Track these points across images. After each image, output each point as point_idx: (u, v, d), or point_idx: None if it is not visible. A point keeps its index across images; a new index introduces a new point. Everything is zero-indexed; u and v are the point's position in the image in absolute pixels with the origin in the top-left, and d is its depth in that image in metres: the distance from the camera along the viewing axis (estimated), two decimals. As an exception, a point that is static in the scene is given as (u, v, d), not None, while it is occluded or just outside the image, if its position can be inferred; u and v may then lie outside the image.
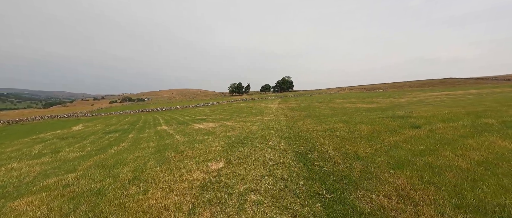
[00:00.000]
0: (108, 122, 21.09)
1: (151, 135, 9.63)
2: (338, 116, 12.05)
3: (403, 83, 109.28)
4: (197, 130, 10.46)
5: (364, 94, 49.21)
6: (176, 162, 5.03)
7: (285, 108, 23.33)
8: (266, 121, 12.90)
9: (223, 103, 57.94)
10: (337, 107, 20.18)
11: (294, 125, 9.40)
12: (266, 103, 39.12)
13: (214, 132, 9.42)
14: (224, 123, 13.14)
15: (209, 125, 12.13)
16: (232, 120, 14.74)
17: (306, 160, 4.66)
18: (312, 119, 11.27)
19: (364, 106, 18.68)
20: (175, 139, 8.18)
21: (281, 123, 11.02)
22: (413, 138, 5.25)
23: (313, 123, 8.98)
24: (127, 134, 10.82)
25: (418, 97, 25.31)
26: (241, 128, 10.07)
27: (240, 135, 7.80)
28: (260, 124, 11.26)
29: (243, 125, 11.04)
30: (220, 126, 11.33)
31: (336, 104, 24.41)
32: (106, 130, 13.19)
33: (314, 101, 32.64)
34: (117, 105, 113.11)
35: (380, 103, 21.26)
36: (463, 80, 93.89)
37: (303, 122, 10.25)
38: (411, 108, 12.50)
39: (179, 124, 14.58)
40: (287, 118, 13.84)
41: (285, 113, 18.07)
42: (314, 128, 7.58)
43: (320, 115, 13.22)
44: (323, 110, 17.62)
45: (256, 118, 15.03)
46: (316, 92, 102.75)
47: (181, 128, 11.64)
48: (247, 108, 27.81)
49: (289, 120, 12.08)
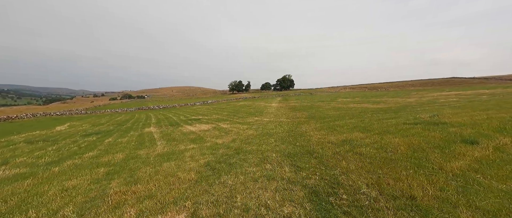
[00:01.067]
0: (97, 121, 19.84)
1: (130, 141, 8.33)
2: (346, 119, 10.73)
3: (405, 82, 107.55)
4: (186, 134, 9.16)
5: (367, 93, 47.79)
6: (107, 212, 3.07)
7: (286, 108, 22.01)
8: (265, 123, 11.59)
9: (222, 101, 56.65)
10: (341, 107, 18.85)
11: (298, 130, 8.09)
12: (266, 102, 37.80)
13: (204, 137, 8.09)
14: (218, 125, 11.85)
15: (201, 128, 10.83)
16: (228, 121, 13.45)
17: (329, 212, 2.74)
18: (318, 122, 9.95)
19: (371, 107, 17.34)
20: (152, 148, 6.69)
21: (282, 126, 9.70)
22: (483, 164, 3.57)
23: (322, 129, 7.62)
24: (107, 137, 9.54)
25: (427, 97, 23.92)
26: (236, 132, 8.77)
27: (231, 144, 6.46)
28: (258, 127, 9.95)
29: (239, 129, 9.74)
30: (213, 129, 10.03)
31: (340, 103, 23.05)
32: (88, 132, 11.93)
33: (316, 100, 31.30)
34: (117, 102, 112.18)
35: (387, 103, 19.90)
36: (466, 79, 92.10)
37: (308, 126, 8.91)
38: (431, 110, 11.15)
39: (170, 125, 13.30)
40: (288, 119, 12.53)
41: (286, 113, 16.76)
42: (326, 138, 6.17)
43: (326, 117, 11.90)
44: (327, 111, 16.29)
45: (254, 119, 13.73)
46: (317, 91, 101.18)
47: (169, 131, 10.36)
48: (245, 108, 26.50)
49: (291, 123, 10.78)
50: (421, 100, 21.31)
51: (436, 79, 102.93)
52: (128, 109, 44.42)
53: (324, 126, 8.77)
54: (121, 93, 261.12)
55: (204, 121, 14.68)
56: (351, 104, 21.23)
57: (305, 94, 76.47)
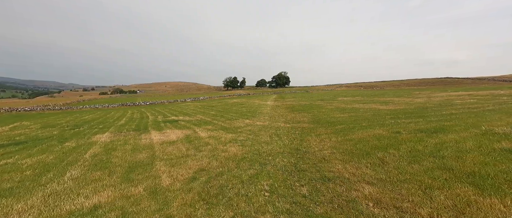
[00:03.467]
0: (55, 121, 16.59)
1: (39, 162, 5.33)
2: (363, 124, 8.12)
3: (400, 81, 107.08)
4: (138, 149, 6.13)
5: (366, 92, 45.75)
6: None
7: (282, 107, 19.34)
8: (258, 129, 8.87)
9: (214, 98, 53.56)
10: (346, 107, 16.31)
11: (307, 149, 5.38)
12: (261, 100, 35.04)
13: (156, 161, 5.05)
14: (195, 131, 9.02)
15: (170, 136, 7.96)
16: (210, 126, 10.65)
17: None
18: (330, 131, 7.30)
19: (382, 108, 14.87)
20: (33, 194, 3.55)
21: (280, 137, 6.97)
22: None
23: (346, 152, 4.88)
24: (22, 152, 6.48)
25: (436, 97, 21.73)
26: (212, 148, 5.96)
27: (190, 186, 3.60)
28: (248, 138, 7.20)
29: (220, 141, 6.96)
30: (183, 141, 7.18)
31: (342, 103, 20.57)
32: (30, 136, 8.91)
33: (315, 99, 28.79)
34: (104, 97, 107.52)
35: (397, 103, 17.51)
36: (460, 80, 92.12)
37: (319, 141, 6.19)
38: (467, 115, 8.68)
39: (135, 129, 10.37)
40: (288, 125, 9.83)
41: (283, 114, 14.07)
42: (381, 195, 3.02)
43: (336, 123, 9.27)
44: (332, 112, 13.69)
45: (244, 123, 10.99)
46: (313, 88, 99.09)
47: (121, 142, 7.38)
48: (237, 106, 23.69)
49: (292, 131, 8.11)
50: (432, 100, 19.05)
51: (430, 79, 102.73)
52: (111, 105, 40.75)
53: (342, 139, 6.10)
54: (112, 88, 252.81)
55: (181, 124, 11.80)
56: (356, 104, 18.76)
57: (301, 91, 74.22)
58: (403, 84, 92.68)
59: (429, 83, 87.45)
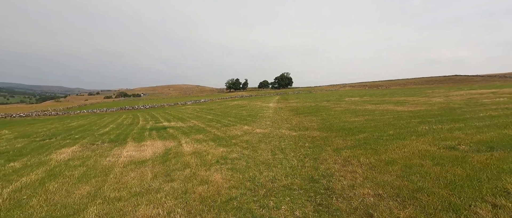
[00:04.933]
0: (45, 128, 15.27)
1: None
2: (387, 129, 6.35)
3: (406, 80, 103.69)
4: (92, 174, 4.47)
5: (373, 92, 43.55)
6: None
7: (286, 110, 17.61)
8: (257, 140, 7.19)
9: (216, 100, 52.13)
10: (358, 109, 14.46)
11: (327, 181, 3.55)
12: (263, 101, 33.34)
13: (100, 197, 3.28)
14: (180, 143, 7.38)
15: (144, 153, 6.25)
16: (202, 134, 9.02)
17: None
18: (353, 146, 5.56)
19: (399, 109, 12.99)
20: None
21: (286, 156, 5.22)
22: None
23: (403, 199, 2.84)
24: None
25: (455, 96, 19.62)
26: (190, 174, 4.25)
27: None
28: (242, 155, 5.50)
29: (205, 158, 5.30)
30: (157, 160, 5.50)
31: (351, 104, 18.69)
32: None
33: (320, 100, 26.93)
34: (107, 101, 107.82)
35: (414, 104, 15.55)
36: (469, 77, 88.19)
37: (344, 164, 4.37)
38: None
39: (113, 140, 8.76)
40: (294, 132, 8.12)
41: (288, 118, 12.34)
42: None
43: (353, 129, 7.51)
44: (343, 115, 11.88)
45: (242, 130, 9.33)
46: (316, 89, 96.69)
47: (82, 160, 5.79)
48: (238, 109, 22.06)
49: (300, 143, 6.40)
50: (453, 99, 17.02)
51: (437, 77, 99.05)
52: (109, 109, 39.69)
53: (376, 160, 4.32)
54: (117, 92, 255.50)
55: (169, 132, 10.20)
56: (367, 105, 16.87)
57: (304, 92, 72.23)
58: (410, 83, 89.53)
59: (437, 81, 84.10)
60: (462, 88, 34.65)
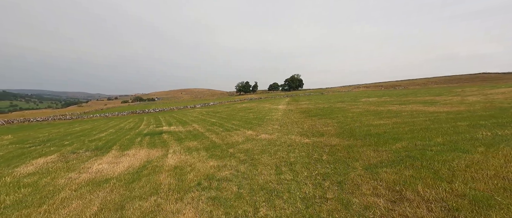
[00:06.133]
0: (46, 133, 15.04)
1: None
2: (433, 136, 4.68)
3: (427, 79, 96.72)
4: (29, 202, 3.47)
5: (392, 92, 40.31)
6: None
7: (297, 112, 16.03)
8: (259, 149, 5.82)
9: (224, 103, 51.47)
10: (380, 111, 12.53)
11: (360, 212, 2.19)
12: (272, 103, 31.84)
13: None
14: (167, 152, 6.19)
15: (118, 166, 5.06)
16: (196, 141, 7.81)
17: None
18: (395, 161, 4.02)
19: (431, 110, 10.93)
20: None
21: (296, 177, 3.71)
22: None
23: None
24: None
25: (496, 94, 16.83)
26: (153, 206, 3.04)
27: None
28: (237, 172, 4.12)
29: (186, 177, 4.01)
30: (125, 178, 4.25)
31: (371, 105, 16.65)
32: None
33: (334, 101, 24.91)
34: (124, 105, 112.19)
35: (448, 104, 13.28)
36: (499, 75, 79.83)
37: (386, 192, 2.89)
38: None
39: (96, 149, 7.84)
40: (306, 139, 6.64)
41: (299, 121, 10.81)
42: None
43: (383, 135, 5.87)
44: (365, 118, 10.11)
45: (245, 136, 7.99)
46: (328, 90, 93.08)
47: (40, 176, 4.82)
48: (245, 111, 20.81)
49: (315, 154, 4.94)
50: (494, 98, 14.44)
51: (463, 75, 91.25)
52: (121, 113, 40.34)
53: (452, 196, 2.78)
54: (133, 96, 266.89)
55: (163, 138, 9.11)
56: (390, 106, 14.81)
57: (315, 93, 69.55)
58: (430, 82, 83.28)
59: (461, 80, 77.35)
60: (496, 86, 30.74)
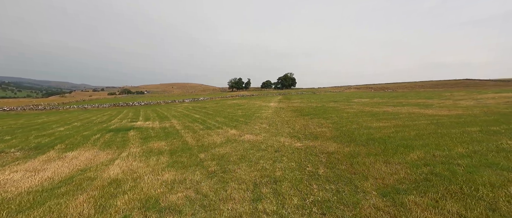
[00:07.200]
0: (6, 123, 13.04)
1: None
2: (450, 143, 3.73)
3: (414, 83, 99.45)
4: None
5: (382, 94, 40.41)
6: None
7: (288, 110, 14.98)
8: (238, 156, 4.68)
9: (215, 98, 49.78)
10: (376, 112, 11.73)
11: None
12: (264, 100, 30.73)
13: None
14: (114, 159, 4.86)
15: (29, 180, 3.73)
16: (165, 142, 6.51)
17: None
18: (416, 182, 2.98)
19: (431, 113, 10.21)
20: None
21: (282, 201, 2.64)
22: None
23: None
24: None
25: (488, 99, 16.65)
26: None
27: None
28: (196, 193, 2.91)
29: (112, 205, 2.79)
30: (20, 205, 3.05)
31: (365, 105, 15.93)
32: None
33: (326, 101, 24.19)
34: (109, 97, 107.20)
35: (444, 107, 12.72)
36: (482, 81, 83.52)
37: None
38: None
39: (34, 148, 6.35)
40: (298, 142, 5.54)
41: (290, 121, 9.72)
42: None
43: (390, 141, 4.89)
44: (362, 119, 9.17)
45: (226, 136, 6.80)
46: (320, 90, 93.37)
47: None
48: (234, 107, 19.53)
49: (308, 165, 3.85)
50: (486, 102, 14.12)
51: (446, 81, 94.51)
52: (102, 105, 37.68)
53: None
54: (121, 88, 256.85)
55: (127, 136, 7.72)
56: (385, 107, 14.11)
57: (307, 92, 69.28)
58: (417, 86, 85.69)
59: (446, 85, 79.94)
60: (482, 91, 31.34)
